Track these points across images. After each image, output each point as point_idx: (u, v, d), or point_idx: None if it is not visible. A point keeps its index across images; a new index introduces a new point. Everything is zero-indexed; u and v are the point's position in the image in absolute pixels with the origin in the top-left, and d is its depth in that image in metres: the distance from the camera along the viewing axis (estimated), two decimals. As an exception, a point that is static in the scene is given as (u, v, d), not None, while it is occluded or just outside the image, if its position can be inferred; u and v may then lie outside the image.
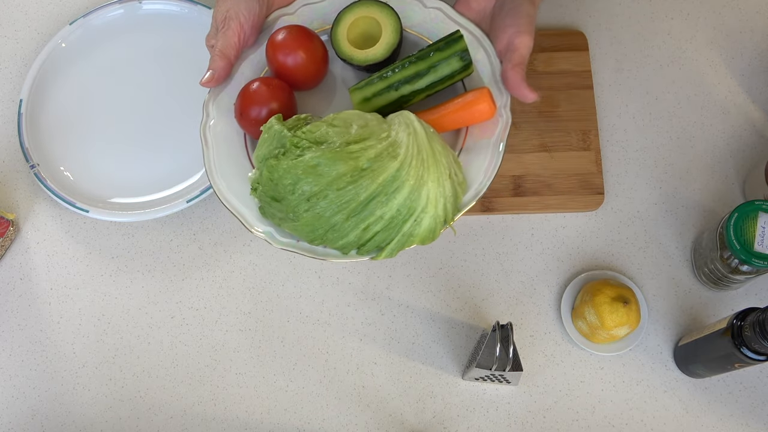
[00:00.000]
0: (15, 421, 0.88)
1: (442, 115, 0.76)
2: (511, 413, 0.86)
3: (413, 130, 0.71)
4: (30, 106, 0.95)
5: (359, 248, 0.71)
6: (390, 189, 0.68)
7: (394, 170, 0.68)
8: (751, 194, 0.90)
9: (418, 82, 0.76)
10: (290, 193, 0.69)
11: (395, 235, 0.70)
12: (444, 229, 0.71)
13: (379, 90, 0.77)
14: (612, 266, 0.90)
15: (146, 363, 0.89)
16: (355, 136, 0.69)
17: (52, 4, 1.04)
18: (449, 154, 0.73)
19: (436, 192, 0.70)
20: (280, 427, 0.87)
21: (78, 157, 0.95)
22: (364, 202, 0.68)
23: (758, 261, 0.78)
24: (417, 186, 0.69)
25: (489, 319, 0.89)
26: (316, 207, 0.68)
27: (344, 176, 0.67)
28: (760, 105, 0.95)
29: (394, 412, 0.86)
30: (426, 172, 0.69)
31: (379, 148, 0.69)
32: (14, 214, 0.94)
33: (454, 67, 0.76)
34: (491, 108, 0.75)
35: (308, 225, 0.69)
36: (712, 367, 0.81)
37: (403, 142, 0.70)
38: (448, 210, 0.71)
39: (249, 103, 0.76)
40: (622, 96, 0.96)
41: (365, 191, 0.68)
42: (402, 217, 0.69)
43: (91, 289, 0.92)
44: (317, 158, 0.67)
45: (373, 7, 0.79)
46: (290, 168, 0.68)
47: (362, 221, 0.69)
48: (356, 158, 0.68)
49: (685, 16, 1.00)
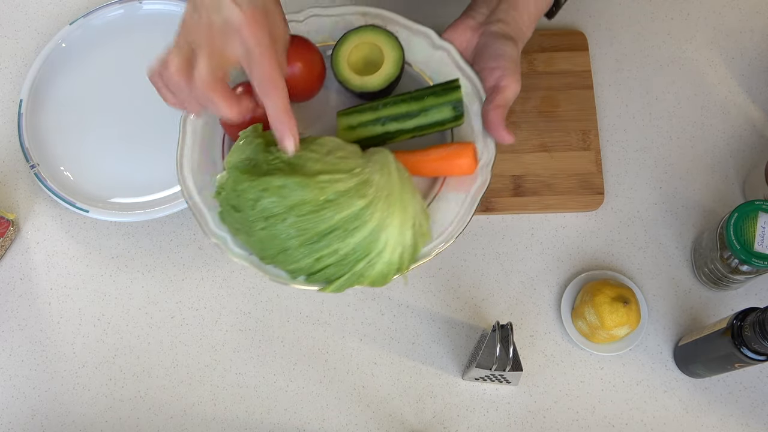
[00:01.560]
0: (15, 421, 0.88)
1: (423, 160, 0.75)
2: (511, 413, 0.86)
3: (388, 172, 0.69)
4: (30, 106, 0.95)
5: (308, 276, 0.69)
6: (350, 226, 0.67)
7: (358, 208, 0.67)
8: (751, 194, 0.90)
9: (407, 123, 0.75)
10: (250, 207, 0.67)
11: (346, 272, 0.68)
12: (396, 275, 0.70)
13: (366, 121, 0.75)
14: (612, 266, 0.90)
15: (146, 363, 0.89)
16: (328, 165, 0.68)
17: (52, 4, 1.04)
18: (418, 203, 0.71)
19: (396, 239, 0.68)
20: (280, 427, 0.87)
21: (78, 157, 0.95)
22: (322, 234, 0.67)
23: (758, 261, 0.78)
24: (378, 229, 0.67)
25: (489, 319, 0.89)
26: (272, 228, 0.67)
27: (307, 204, 0.66)
28: (760, 105, 0.95)
29: (394, 412, 0.86)
30: (390, 217, 0.68)
31: (349, 183, 0.67)
32: (14, 214, 0.94)
33: (446, 116, 0.74)
34: (472, 165, 0.74)
35: (261, 243, 0.68)
36: (712, 367, 0.81)
37: (375, 182, 0.68)
38: (404, 259, 0.70)
39: None
40: (622, 96, 0.96)
41: (325, 223, 0.66)
42: (356, 256, 0.68)
43: (91, 289, 0.92)
44: (284, 179, 0.66)
45: (380, 34, 0.77)
46: (256, 183, 0.66)
47: (316, 252, 0.67)
48: (323, 189, 0.66)
49: (685, 16, 1.00)
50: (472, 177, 0.75)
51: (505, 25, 0.78)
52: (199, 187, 0.75)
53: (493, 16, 0.78)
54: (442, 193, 0.75)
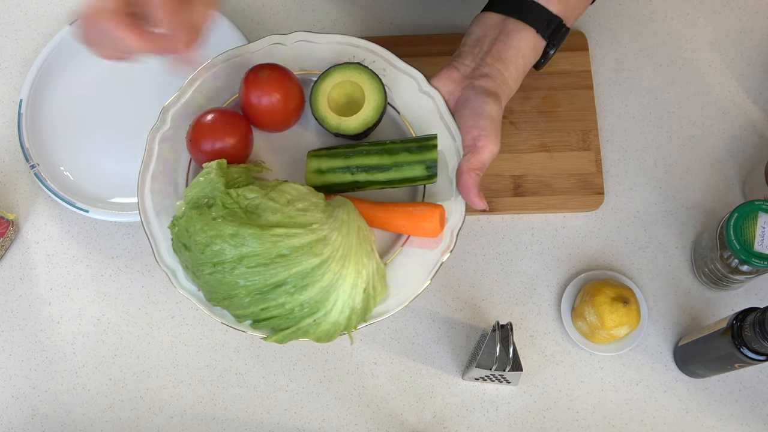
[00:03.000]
0: (15, 421, 0.88)
1: (388, 216, 0.73)
2: (511, 413, 0.86)
3: (347, 230, 0.68)
4: (30, 106, 0.95)
5: (254, 322, 0.69)
6: (300, 283, 0.65)
7: (310, 267, 0.66)
8: (751, 194, 0.90)
9: (377, 175, 0.73)
10: (200, 251, 0.65)
11: (291, 326, 0.68)
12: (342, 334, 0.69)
13: (335, 167, 0.73)
14: (612, 266, 0.90)
15: (146, 363, 0.89)
16: (286, 217, 0.66)
17: (52, 4, 1.04)
18: (375, 264, 0.70)
19: (345, 301, 0.67)
20: (280, 427, 0.87)
21: (78, 157, 0.95)
22: (271, 286, 0.65)
23: (758, 261, 0.78)
24: (328, 289, 0.66)
25: (489, 319, 0.89)
26: (220, 274, 0.65)
27: (258, 256, 0.64)
28: (760, 105, 0.95)
29: (394, 412, 0.86)
30: (342, 279, 0.67)
31: (305, 239, 0.66)
32: (14, 214, 0.94)
33: (418, 174, 0.72)
34: (437, 229, 0.72)
35: (209, 285, 0.67)
36: (712, 367, 0.81)
37: (332, 241, 0.67)
38: (351, 321, 0.69)
39: (201, 133, 0.72)
40: (622, 96, 0.96)
41: (274, 277, 0.65)
42: (303, 313, 0.67)
43: (91, 289, 0.92)
44: (238, 228, 0.64)
45: (364, 75, 0.75)
46: (208, 227, 0.65)
47: (263, 302, 0.66)
48: (277, 242, 0.65)
49: (685, 16, 1.00)
50: (436, 240, 0.73)
51: (489, 80, 0.75)
52: (157, 210, 0.73)
53: (479, 69, 0.75)
54: (405, 250, 0.74)
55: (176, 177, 0.75)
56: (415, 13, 1.01)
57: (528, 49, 0.76)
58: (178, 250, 0.69)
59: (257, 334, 0.69)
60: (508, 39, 0.75)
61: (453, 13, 1.00)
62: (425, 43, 0.96)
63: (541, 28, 0.75)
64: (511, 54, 0.75)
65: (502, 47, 0.75)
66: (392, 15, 1.01)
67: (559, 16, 0.76)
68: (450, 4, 1.00)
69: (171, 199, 0.74)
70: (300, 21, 1.01)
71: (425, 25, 1.00)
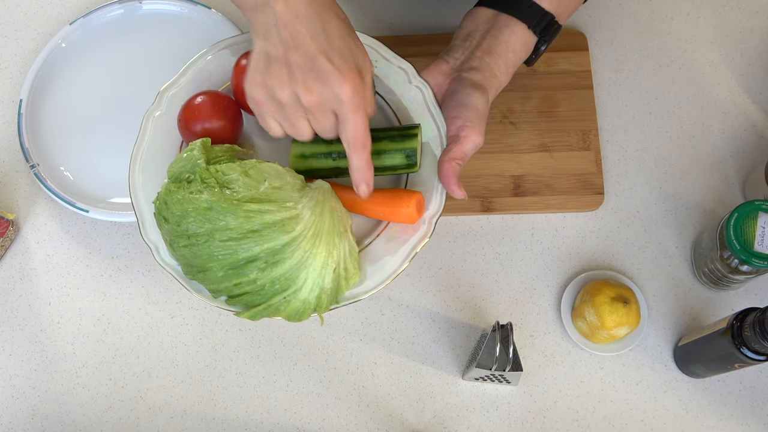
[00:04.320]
0: (15, 421, 0.88)
1: (366, 201, 0.73)
2: (511, 413, 0.86)
3: (320, 211, 0.69)
4: (30, 106, 0.95)
5: (229, 298, 0.69)
6: (271, 259, 0.66)
7: (281, 244, 0.66)
8: (751, 194, 0.90)
9: None
10: (176, 223, 0.67)
11: (262, 302, 0.68)
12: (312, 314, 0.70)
13: (318, 152, 0.74)
14: (612, 266, 0.90)
15: (146, 363, 0.89)
16: (260, 194, 0.67)
17: (52, 4, 1.04)
18: (347, 246, 0.70)
19: (315, 281, 0.68)
20: (280, 427, 0.87)
21: (78, 157, 0.95)
22: (242, 262, 0.66)
23: (758, 261, 0.77)
24: (298, 267, 0.67)
25: (489, 319, 0.89)
26: (194, 247, 0.66)
27: (230, 230, 0.65)
28: (760, 105, 0.95)
29: (394, 412, 0.86)
30: (312, 258, 0.67)
31: (278, 216, 0.67)
32: (14, 214, 0.94)
33: (398, 162, 0.73)
34: (414, 215, 0.72)
35: (185, 259, 0.68)
36: (712, 367, 0.81)
37: (304, 219, 0.68)
38: (322, 300, 0.69)
39: (191, 114, 0.75)
40: (622, 96, 0.96)
41: (246, 252, 0.66)
42: (273, 290, 0.67)
43: (91, 289, 0.92)
44: (212, 202, 0.65)
45: None
46: (184, 201, 0.66)
47: (235, 277, 0.67)
48: (249, 218, 0.66)
49: (685, 16, 1.00)
50: (414, 227, 0.73)
51: (477, 73, 0.75)
52: (145, 187, 0.75)
53: (468, 62, 0.76)
54: (383, 235, 0.74)
55: (166, 159, 0.76)
56: (415, 13, 1.01)
57: (519, 44, 0.76)
58: (160, 224, 0.70)
59: (231, 309, 0.70)
60: (498, 33, 0.76)
61: (453, 13, 1.00)
62: (425, 43, 0.96)
63: (533, 23, 0.75)
64: (501, 48, 0.76)
65: (493, 41, 0.76)
66: (392, 15, 1.01)
67: (552, 12, 0.76)
68: (450, 4, 1.00)
69: (159, 178, 0.76)
70: (300, 21, 1.01)
71: (425, 25, 1.00)
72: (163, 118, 0.78)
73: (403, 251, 0.73)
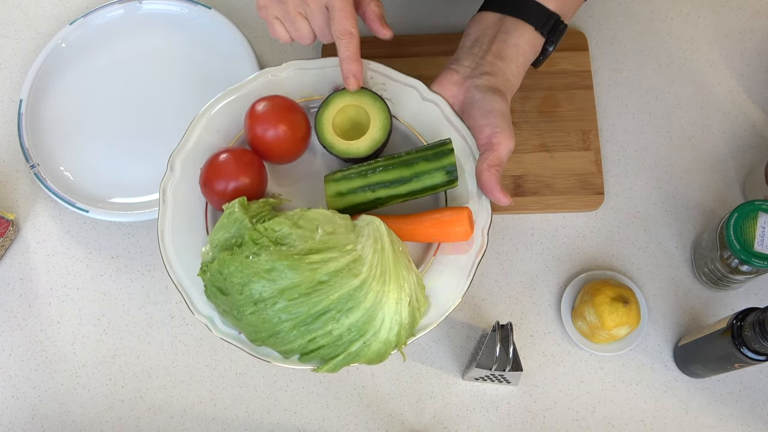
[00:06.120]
0: (15, 421, 0.88)
1: (417, 227, 0.72)
2: (511, 413, 0.86)
3: (381, 246, 0.67)
4: (30, 106, 0.95)
5: (302, 356, 0.67)
6: (344, 307, 0.64)
7: (352, 288, 0.64)
8: (751, 194, 0.90)
9: (398, 188, 0.72)
10: (238, 292, 0.64)
11: (341, 353, 0.66)
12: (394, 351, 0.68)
13: (355, 187, 0.72)
14: (612, 266, 0.90)
15: (146, 363, 0.89)
16: (318, 243, 0.65)
17: (52, 4, 1.04)
18: (414, 276, 0.69)
19: (392, 318, 0.66)
20: (280, 427, 0.87)
21: (78, 157, 0.95)
22: (315, 315, 0.64)
23: (758, 261, 0.78)
24: (373, 309, 0.65)
25: (489, 319, 0.89)
26: (262, 312, 0.64)
27: (299, 287, 0.63)
28: (760, 105, 0.95)
29: (394, 412, 0.86)
30: (385, 296, 0.65)
31: (342, 262, 0.65)
32: (14, 214, 0.94)
33: (439, 181, 0.72)
34: (468, 231, 0.71)
35: (251, 326, 0.66)
36: (712, 367, 0.81)
37: (368, 258, 0.66)
38: (401, 336, 0.68)
39: (215, 174, 0.72)
40: (622, 96, 0.96)
41: (318, 305, 0.64)
42: (351, 337, 0.65)
43: (91, 289, 0.92)
44: (273, 262, 0.63)
45: (365, 97, 0.75)
46: (242, 267, 0.64)
47: (309, 333, 0.65)
48: (315, 270, 0.63)
49: (685, 16, 1.00)
50: (468, 242, 0.72)
51: (492, 78, 0.75)
52: (182, 261, 0.72)
53: (479, 68, 0.75)
54: (438, 258, 0.73)
55: (195, 224, 0.74)
56: (415, 13, 1.01)
57: (527, 47, 0.76)
58: (213, 296, 0.67)
59: (306, 367, 0.68)
60: (507, 37, 0.75)
61: (453, 13, 1.00)
62: (425, 43, 0.96)
63: (540, 25, 0.75)
64: (512, 51, 0.75)
65: (502, 45, 0.75)
66: (392, 15, 1.01)
67: (557, 12, 0.76)
68: (450, 4, 1.00)
69: (194, 248, 0.72)
70: (300, 21, 1.01)
71: (425, 25, 1.00)
72: (181, 185, 0.74)
73: (463, 270, 0.72)
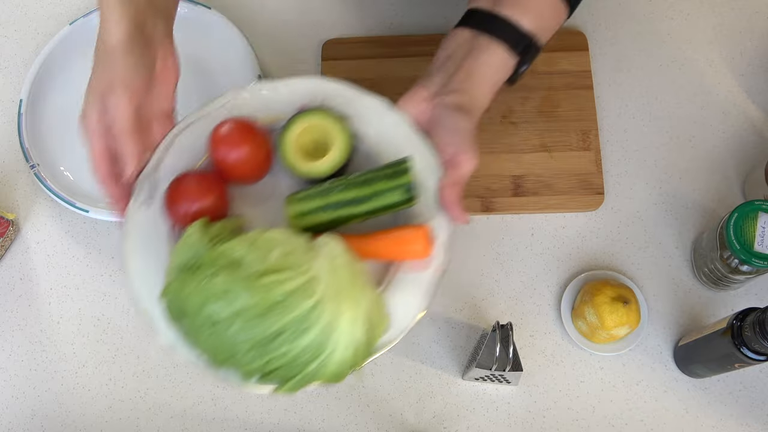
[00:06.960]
0: (15, 421, 0.88)
1: (375, 246, 0.72)
2: (511, 413, 0.86)
3: (336, 266, 0.67)
4: (30, 106, 0.95)
5: (262, 377, 0.67)
6: (299, 327, 0.64)
7: (306, 309, 0.64)
8: (751, 194, 0.90)
9: (358, 208, 0.72)
10: (195, 314, 0.65)
11: (298, 373, 0.66)
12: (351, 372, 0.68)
13: (315, 207, 0.73)
14: (612, 266, 0.90)
15: (146, 363, 0.89)
16: (273, 264, 0.65)
17: (52, 4, 1.04)
18: (371, 296, 0.69)
19: (348, 338, 0.66)
20: (280, 427, 0.87)
21: (78, 157, 0.94)
22: (270, 337, 0.64)
23: (758, 261, 0.78)
24: (328, 329, 0.65)
25: (489, 319, 0.89)
26: (219, 335, 0.64)
27: (253, 308, 0.63)
28: (760, 105, 0.95)
29: (394, 412, 0.86)
30: (340, 316, 0.65)
31: (296, 282, 0.65)
32: (14, 214, 0.94)
33: (398, 199, 0.72)
34: (426, 249, 0.71)
35: (210, 349, 0.66)
36: (712, 367, 0.81)
37: (323, 279, 0.66)
38: (358, 355, 0.68)
39: (177, 197, 0.73)
40: (622, 96, 0.96)
41: (273, 326, 0.64)
42: (307, 358, 0.65)
43: (91, 289, 0.92)
44: (228, 283, 0.64)
45: (327, 118, 0.75)
46: (200, 288, 0.64)
47: (265, 354, 0.65)
48: (269, 290, 0.64)
49: (685, 16, 1.00)
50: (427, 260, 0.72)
51: (459, 96, 0.74)
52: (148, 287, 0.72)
53: (448, 86, 0.75)
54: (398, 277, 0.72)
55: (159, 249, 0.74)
56: (415, 13, 1.01)
57: (499, 66, 0.75)
58: (175, 318, 0.68)
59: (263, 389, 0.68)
60: (479, 54, 0.74)
61: (453, 13, 1.00)
62: (425, 43, 0.96)
63: (513, 44, 0.74)
64: (483, 70, 0.74)
65: (474, 63, 0.74)
66: (392, 15, 1.01)
67: (532, 32, 0.75)
68: (450, 4, 1.00)
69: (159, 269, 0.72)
70: (301, 22, 1.01)
71: (425, 25, 1.00)
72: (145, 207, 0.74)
73: (424, 287, 0.72)
